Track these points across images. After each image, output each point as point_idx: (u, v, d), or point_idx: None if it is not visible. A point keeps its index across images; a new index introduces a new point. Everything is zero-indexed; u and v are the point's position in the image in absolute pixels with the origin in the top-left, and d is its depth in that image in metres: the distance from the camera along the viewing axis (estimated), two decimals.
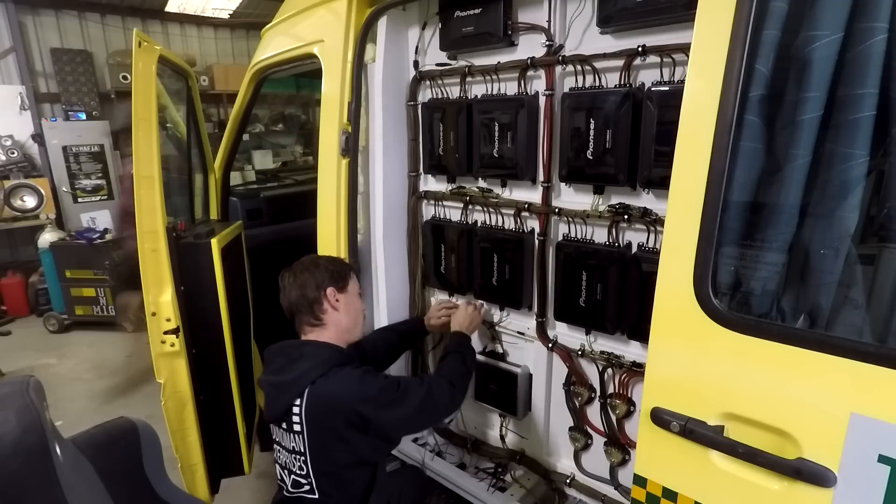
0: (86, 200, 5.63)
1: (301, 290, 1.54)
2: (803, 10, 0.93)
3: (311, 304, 1.54)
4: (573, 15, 1.44)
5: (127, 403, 3.63)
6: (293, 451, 1.48)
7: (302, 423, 1.43)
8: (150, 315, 1.77)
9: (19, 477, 0.95)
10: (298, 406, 1.43)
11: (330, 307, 1.55)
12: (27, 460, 0.96)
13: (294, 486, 1.52)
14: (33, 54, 5.82)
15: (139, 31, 1.72)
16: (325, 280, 1.55)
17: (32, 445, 0.97)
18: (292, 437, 1.47)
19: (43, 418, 1.02)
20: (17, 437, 0.95)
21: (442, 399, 1.52)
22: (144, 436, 1.42)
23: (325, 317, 1.55)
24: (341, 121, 1.82)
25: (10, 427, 0.96)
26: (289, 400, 1.44)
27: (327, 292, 1.54)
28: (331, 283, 1.56)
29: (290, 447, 1.48)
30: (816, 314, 0.98)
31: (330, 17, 1.88)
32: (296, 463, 1.49)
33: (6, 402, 1.01)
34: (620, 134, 1.34)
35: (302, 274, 1.56)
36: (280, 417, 1.48)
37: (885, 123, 0.90)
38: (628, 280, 1.43)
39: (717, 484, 1.00)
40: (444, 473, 1.92)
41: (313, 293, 1.54)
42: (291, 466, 1.51)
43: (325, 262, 1.61)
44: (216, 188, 2.54)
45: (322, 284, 1.54)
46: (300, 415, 1.43)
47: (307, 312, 1.55)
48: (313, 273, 1.56)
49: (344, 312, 1.57)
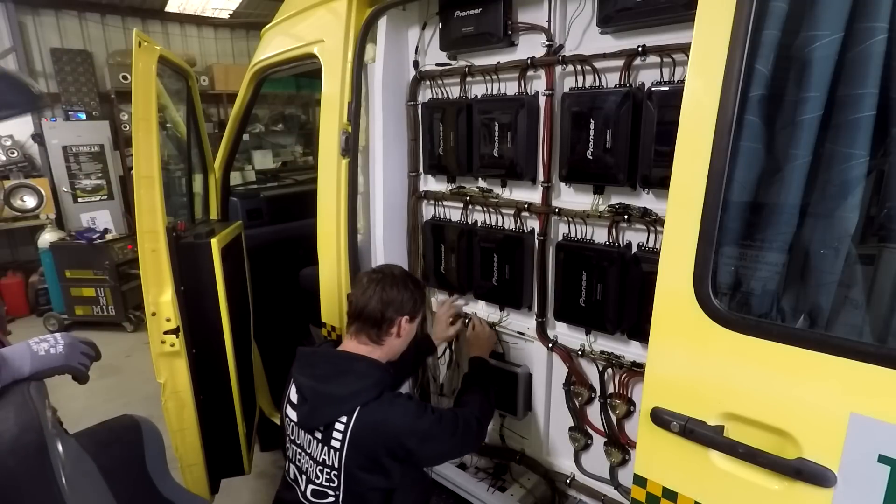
0: (86, 200, 5.62)
1: (382, 304, 1.49)
2: (803, 10, 0.93)
3: (381, 322, 1.50)
4: (573, 15, 1.44)
5: (127, 403, 3.63)
6: (322, 463, 1.45)
7: (343, 441, 1.40)
8: (150, 315, 1.77)
9: (17, 475, 0.95)
10: (344, 424, 1.40)
11: (395, 333, 1.53)
12: (25, 458, 0.96)
13: (315, 495, 1.48)
14: (33, 54, 5.82)
15: (139, 31, 1.72)
16: (408, 307, 1.53)
17: (30, 443, 0.97)
18: (325, 450, 1.43)
19: (42, 417, 1.02)
20: (15, 435, 0.96)
21: (472, 435, 1.54)
22: (147, 433, 1.43)
23: (387, 339, 1.52)
24: (341, 121, 1.82)
25: (8, 425, 0.96)
26: (335, 414, 1.41)
27: (402, 320, 1.52)
28: (410, 311, 1.54)
29: (320, 458, 1.45)
30: (816, 314, 0.98)
31: (330, 17, 1.88)
32: (323, 475, 1.45)
33: (6, 400, 1.01)
34: (620, 134, 1.34)
35: (392, 289, 1.51)
36: (318, 428, 1.44)
37: (885, 123, 0.90)
38: (628, 280, 1.43)
39: (717, 484, 1.00)
40: (445, 474, 1.93)
41: (392, 314, 1.50)
42: (314, 476, 1.47)
43: (413, 286, 1.57)
44: (216, 188, 2.54)
45: (403, 310, 1.52)
46: (344, 433, 1.40)
47: (373, 326, 1.50)
48: (402, 293, 1.52)
49: (402, 340, 1.56)
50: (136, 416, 1.47)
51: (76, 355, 1.24)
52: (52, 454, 1.00)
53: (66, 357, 1.21)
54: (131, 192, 2.44)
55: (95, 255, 4.77)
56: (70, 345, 1.23)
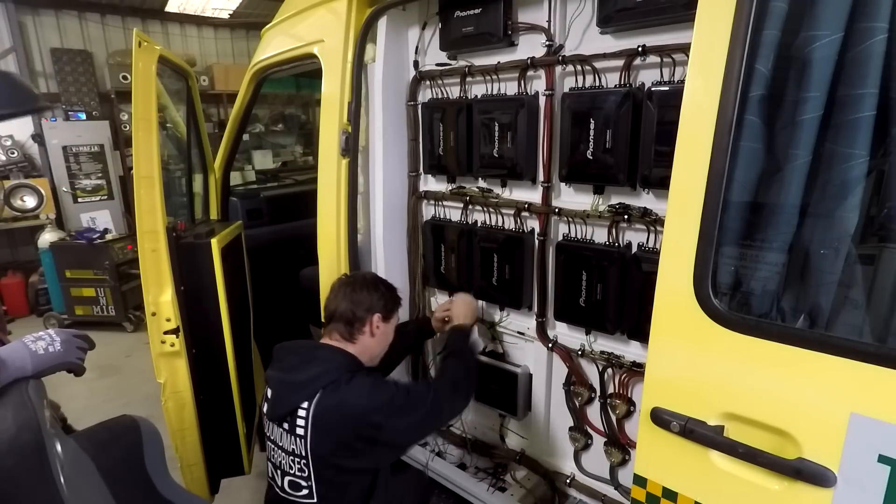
0: (86, 200, 5.62)
1: (352, 304, 1.53)
2: (803, 10, 0.93)
3: (352, 321, 1.53)
4: (573, 15, 1.44)
5: (127, 403, 3.63)
6: (292, 454, 1.47)
7: (306, 427, 1.41)
8: (150, 315, 1.77)
9: (15, 474, 0.95)
10: (305, 409, 1.41)
11: (368, 331, 1.55)
12: (23, 458, 0.96)
13: (292, 487, 1.50)
14: (33, 54, 5.82)
15: (139, 31, 1.72)
16: (378, 306, 1.55)
17: (28, 443, 0.97)
18: (293, 440, 1.45)
19: (40, 416, 1.02)
20: (13, 435, 0.96)
21: (447, 402, 1.53)
22: (146, 434, 1.42)
23: (360, 338, 1.54)
24: (341, 121, 1.82)
25: (6, 424, 0.96)
26: (297, 401, 1.43)
27: (374, 318, 1.54)
28: (381, 310, 1.56)
29: (290, 449, 1.47)
30: (816, 314, 0.98)
31: (330, 17, 1.88)
32: (294, 465, 1.47)
33: (4, 399, 1.01)
34: (620, 134, 1.34)
35: (360, 291, 1.55)
36: (283, 417, 1.46)
37: (885, 123, 0.90)
38: (628, 280, 1.43)
39: (717, 484, 1.00)
40: (445, 474, 1.92)
41: (362, 313, 1.53)
42: (288, 468, 1.49)
43: (384, 288, 1.61)
44: (216, 188, 2.54)
45: (373, 308, 1.54)
46: (306, 418, 1.41)
47: (345, 326, 1.53)
48: (371, 294, 1.55)
49: (377, 340, 1.58)
50: (136, 416, 1.47)
51: (73, 350, 1.25)
52: (49, 454, 0.99)
53: (65, 353, 1.22)
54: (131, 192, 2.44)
55: (95, 255, 4.77)
56: (66, 341, 1.24)
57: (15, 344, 1.17)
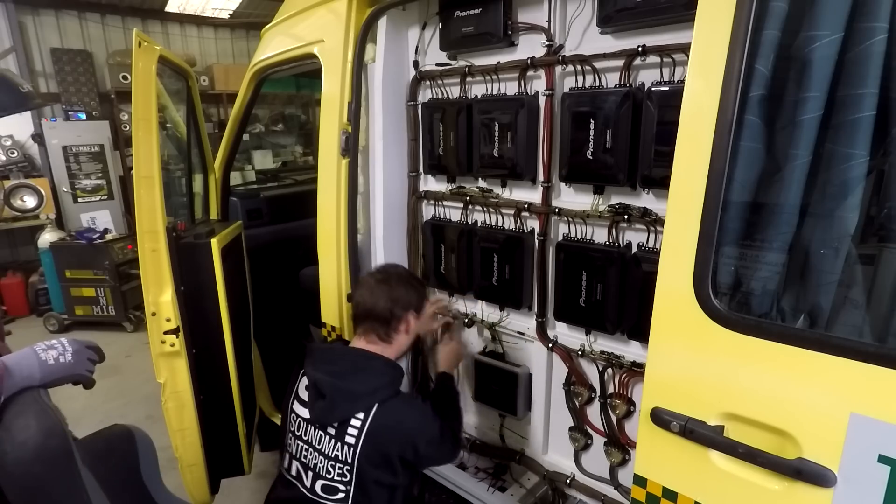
0: (86, 200, 5.63)
1: (390, 302, 1.50)
2: (803, 10, 0.93)
3: (390, 320, 1.51)
4: (573, 15, 1.44)
5: (127, 403, 3.63)
6: (334, 458, 1.44)
7: (359, 438, 1.40)
8: (150, 315, 1.77)
9: (45, 482, 0.94)
10: (361, 420, 1.40)
11: (404, 330, 1.54)
12: (53, 464, 0.95)
13: (326, 490, 1.48)
14: (33, 54, 5.82)
15: (139, 31, 1.72)
16: (414, 303, 1.54)
17: (56, 449, 0.96)
18: (339, 446, 1.43)
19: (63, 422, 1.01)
20: (39, 442, 0.94)
21: (452, 449, 1.60)
22: (141, 443, 1.42)
23: (396, 336, 1.53)
24: (341, 121, 1.82)
25: (30, 433, 0.95)
26: (352, 410, 1.41)
27: (409, 316, 1.53)
28: (416, 306, 1.55)
29: (332, 454, 1.44)
30: (816, 314, 0.98)
31: (330, 17, 1.88)
32: (335, 470, 1.45)
33: (23, 406, 1.00)
34: (620, 134, 1.34)
35: (398, 286, 1.53)
36: (331, 422, 1.44)
37: (885, 123, 0.90)
38: (628, 280, 1.43)
39: (717, 484, 1.00)
40: (444, 473, 1.92)
41: (400, 311, 1.51)
42: (325, 472, 1.47)
43: (416, 282, 1.61)
44: (216, 188, 2.54)
45: (410, 306, 1.53)
46: (360, 429, 1.40)
47: (382, 325, 1.51)
48: (408, 290, 1.54)
49: (409, 338, 1.58)
50: (129, 425, 1.46)
51: (83, 362, 1.22)
52: (77, 459, 0.99)
53: (75, 365, 1.19)
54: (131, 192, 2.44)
55: (95, 255, 4.77)
56: (77, 352, 1.20)
57: (25, 351, 1.14)
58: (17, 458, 0.92)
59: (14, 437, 0.93)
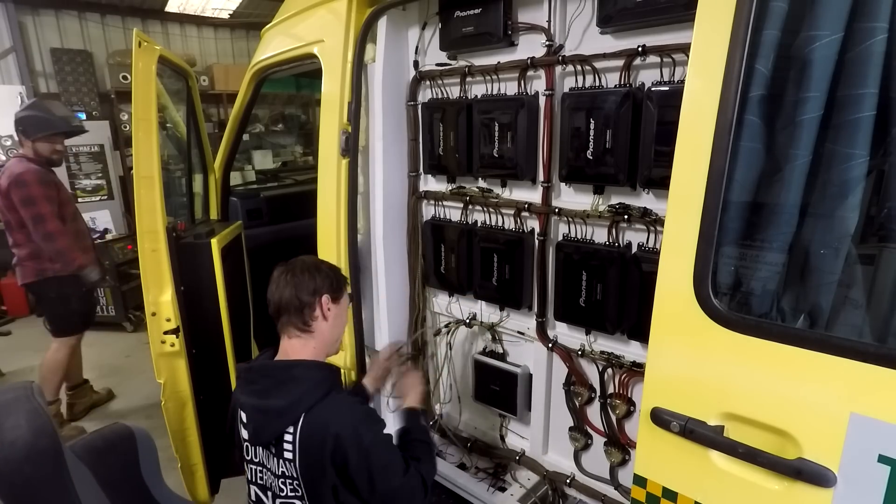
0: (86, 200, 5.62)
1: (296, 290, 1.45)
2: (803, 10, 0.93)
3: (301, 308, 1.45)
4: (573, 15, 1.45)
5: (127, 403, 3.63)
6: (282, 476, 1.40)
7: (294, 452, 1.35)
8: (150, 315, 1.77)
9: (34, 482, 0.94)
10: (292, 434, 1.35)
11: (321, 315, 1.47)
12: (42, 465, 0.95)
13: None
14: (33, 54, 5.82)
15: (139, 31, 1.73)
16: (323, 286, 1.47)
17: (45, 449, 0.96)
18: (282, 463, 1.38)
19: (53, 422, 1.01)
20: (29, 442, 0.94)
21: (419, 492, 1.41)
22: (141, 442, 1.41)
23: (314, 325, 1.46)
24: (341, 121, 1.82)
25: (20, 432, 0.95)
26: (282, 426, 1.35)
27: (322, 299, 1.46)
28: (328, 290, 1.47)
29: (279, 471, 1.40)
30: (816, 314, 0.98)
31: (330, 17, 1.88)
32: (287, 486, 1.41)
33: (14, 407, 1.00)
34: (620, 134, 1.34)
35: (302, 274, 1.47)
36: (268, 443, 1.39)
37: (885, 123, 0.90)
38: (628, 280, 1.43)
39: (717, 484, 1.00)
40: (444, 473, 1.92)
41: (308, 297, 1.45)
42: (278, 490, 1.42)
43: (325, 267, 1.53)
44: (216, 188, 2.54)
45: (319, 290, 1.46)
46: (293, 443, 1.35)
47: (296, 315, 1.45)
48: (313, 276, 1.47)
49: (332, 324, 1.50)
50: (129, 424, 1.46)
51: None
52: (66, 460, 0.99)
53: None
54: (131, 192, 2.44)
55: None
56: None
57: None
58: (7, 457, 0.92)
59: (4, 437, 0.93)
